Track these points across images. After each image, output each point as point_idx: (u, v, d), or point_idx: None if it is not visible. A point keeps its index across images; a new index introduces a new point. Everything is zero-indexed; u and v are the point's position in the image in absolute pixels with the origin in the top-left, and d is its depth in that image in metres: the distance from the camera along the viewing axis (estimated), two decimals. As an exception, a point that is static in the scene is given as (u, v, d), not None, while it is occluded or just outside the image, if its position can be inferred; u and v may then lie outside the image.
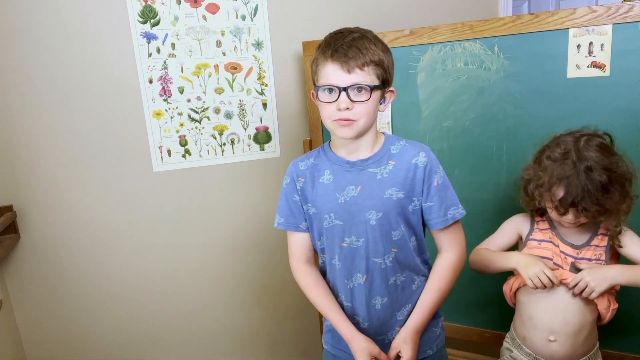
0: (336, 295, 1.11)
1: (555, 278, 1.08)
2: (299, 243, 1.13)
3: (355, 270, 1.06)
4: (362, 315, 1.09)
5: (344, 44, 0.95)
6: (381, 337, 1.10)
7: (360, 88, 0.95)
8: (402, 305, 1.09)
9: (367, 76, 0.95)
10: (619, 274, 1.06)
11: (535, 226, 1.21)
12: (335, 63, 0.95)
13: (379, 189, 1.02)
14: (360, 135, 1.01)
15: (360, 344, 1.04)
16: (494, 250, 1.23)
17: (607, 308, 1.12)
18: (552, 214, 1.13)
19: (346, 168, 1.05)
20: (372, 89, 0.96)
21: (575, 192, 1.03)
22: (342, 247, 1.05)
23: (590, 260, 1.13)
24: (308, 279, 1.12)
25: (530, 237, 1.21)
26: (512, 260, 1.15)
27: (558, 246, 1.16)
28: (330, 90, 0.96)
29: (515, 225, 1.24)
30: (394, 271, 1.06)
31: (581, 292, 1.07)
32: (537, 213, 1.22)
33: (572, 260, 1.13)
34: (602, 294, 1.07)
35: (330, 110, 0.97)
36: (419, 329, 1.08)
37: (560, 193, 1.06)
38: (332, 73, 0.95)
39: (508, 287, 1.24)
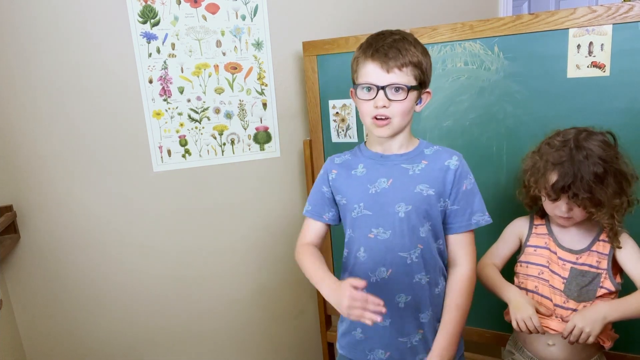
0: None
1: (541, 327, 1.07)
2: (316, 231, 1.15)
3: (380, 264, 1.06)
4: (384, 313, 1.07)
5: (385, 45, 0.98)
6: (403, 339, 1.08)
7: (397, 88, 0.98)
8: (426, 308, 1.08)
9: (405, 76, 0.99)
10: (609, 312, 1.03)
11: (533, 230, 1.21)
12: (376, 62, 0.98)
13: (410, 183, 1.05)
14: (395, 134, 1.05)
15: (336, 282, 0.97)
16: (497, 268, 1.24)
17: (601, 339, 1.11)
18: (546, 204, 1.12)
19: (379, 161, 1.08)
20: (409, 89, 0.99)
21: (567, 177, 1.04)
22: (369, 239, 1.06)
23: (590, 267, 1.11)
24: (306, 250, 1.12)
25: (528, 243, 1.21)
26: (506, 296, 1.16)
27: (556, 253, 1.15)
28: (369, 88, 1.00)
29: (515, 231, 1.25)
30: (419, 269, 1.05)
31: (577, 339, 1.03)
32: (538, 214, 1.22)
33: (571, 266, 1.12)
34: None
35: (369, 108, 1.01)
36: (442, 353, 1.05)
37: (553, 178, 1.06)
38: (372, 72, 0.99)
39: (508, 318, 1.24)
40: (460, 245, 1.09)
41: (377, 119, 1.01)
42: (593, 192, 1.03)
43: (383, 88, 0.98)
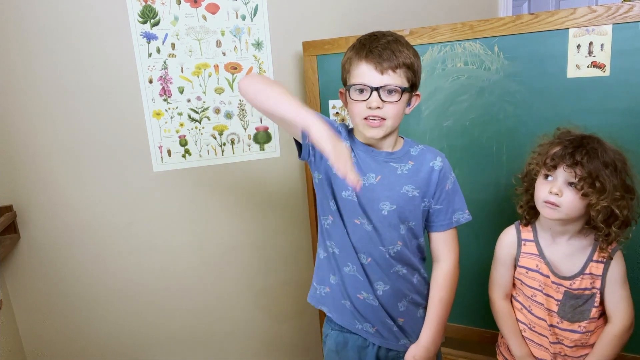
0: (344, 265, 1.11)
1: None
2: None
3: (361, 251, 1.08)
4: (373, 292, 1.10)
5: (379, 46, 0.98)
6: (390, 322, 1.12)
7: (391, 90, 0.98)
8: (404, 297, 1.12)
9: (399, 78, 0.98)
10: None
11: (522, 249, 1.17)
12: (370, 63, 0.98)
13: (397, 183, 1.06)
14: (387, 135, 1.04)
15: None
16: (508, 294, 1.23)
17: None
18: (539, 187, 1.08)
19: (371, 156, 1.08)
20: (403, 91, 0.99)
21: (571, 146, 1.02)
22: (355, 224, 1.08)
23: (584, 290, 1.08)
24: (270, 79, 1.00)
25: (519, 263, 1.18)
26: (515, 354, 1.19)
27: (549, 277, 1.12)
28: (362, 90, 0.99)
29: (506, 250, 1.20)
30: (397, 262, 1.09)
31: None
32: (522, 223, 1.19)
33: (565, 289, 1.10)
34: None
35: (361, 109, 1.00)
36: (428, 345, 1.12)
37: (556, 149, 1.04)
38: (366, 73, 0.98)
39: None
40: (443, 242, 1.13)
41: (369, 119, 1.00)
42: (595, 170, 0.98)
43: (377, 89, 0.97)
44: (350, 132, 1.13)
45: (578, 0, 3.09)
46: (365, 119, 1.01)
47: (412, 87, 1.03)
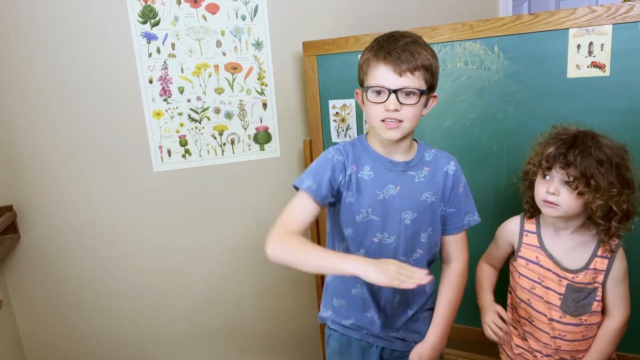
0: (352, 286, 1.12)
1: (508, 332, 1.17)
2: (309, 214, 1.03)
3: None
4: (378, 310, 1.10)
5: (398, 48, 0.97)
6: (393, 333, 1.13)
7: (409, 92, 0.97)
8: (414, 302, 1.13)
9: (417, 80, 0.97)
10: None
11: (524, 239, 1.18)
12: (388, 65, 0.97)
13: (417, 191, 1.06)
14: (404, 137, 1.03)
15: (366, 258, 0.94)
16: (495, 269, 1.28)
17: None
18: (537, 186, 1.09)
19: (388, 167, 1.06)
20: (421, 93, 0.98)
21: (565, 146, 1.02)
22: (373, 242, 1.07)
23: (586, 284, 1.09)
24: (300, 239, 0.98)
25: (519, 253, 1.19)
26: (481, 304, 1.25)
27: (550, 270, 1.12)
28: (380, 92, 0.98)
29: (506, 237, 1.22)
30: None
31: None
32: (527, 215, 1.20)
33: (568, 282, 1.10)
34: None
35: (378, 111, 0.99)
36: (435, 344, 1.12)
37: (551, 148, 1.05)
38: (384, 75, 0.97)
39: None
40: (454, 245, 1.14)
41: (387, 121, 0.99)
42: (589, 169, 0.99)
43: (395, 91, 0.96)
44: (361, 141, 1.11)
45: (578, 0, 3.09)
46: (383, 120, 0.99)
47: (430, 89, 1.01)
